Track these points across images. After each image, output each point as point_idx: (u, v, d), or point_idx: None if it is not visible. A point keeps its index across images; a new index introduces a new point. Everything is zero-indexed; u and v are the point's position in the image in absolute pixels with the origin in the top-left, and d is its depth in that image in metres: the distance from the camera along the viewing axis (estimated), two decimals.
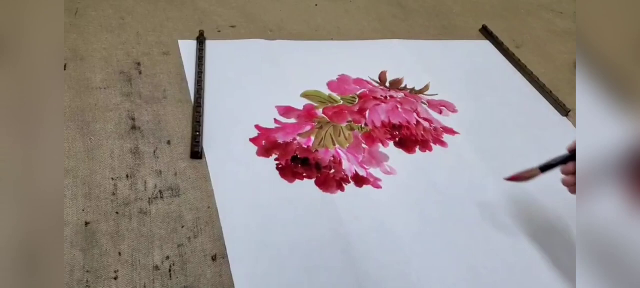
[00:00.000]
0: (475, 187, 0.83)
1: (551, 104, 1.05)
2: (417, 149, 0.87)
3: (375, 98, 0.96)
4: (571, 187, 0.68)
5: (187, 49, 0.97)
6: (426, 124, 0.93)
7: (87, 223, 0.66)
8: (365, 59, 1.06)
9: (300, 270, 0.67)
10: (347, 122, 0.90)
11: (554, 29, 1.34)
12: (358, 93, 0.97)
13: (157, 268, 0.64)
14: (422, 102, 0.97)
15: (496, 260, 0.73)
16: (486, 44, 1.19)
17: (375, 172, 0.82)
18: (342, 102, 0.94)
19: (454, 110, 0.97)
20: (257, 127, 0.84)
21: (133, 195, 0.71)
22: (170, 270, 0.64)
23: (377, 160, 0.84)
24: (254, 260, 0.67)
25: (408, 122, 0.92)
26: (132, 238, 0.66)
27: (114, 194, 0.70)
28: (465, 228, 0.76)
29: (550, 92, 1.07)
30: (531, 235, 0.77)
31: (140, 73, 0.90)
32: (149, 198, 0.71)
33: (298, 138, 0.84)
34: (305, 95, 0.93)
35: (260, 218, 0.72)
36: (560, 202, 0.83)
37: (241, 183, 0.75)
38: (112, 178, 0.72)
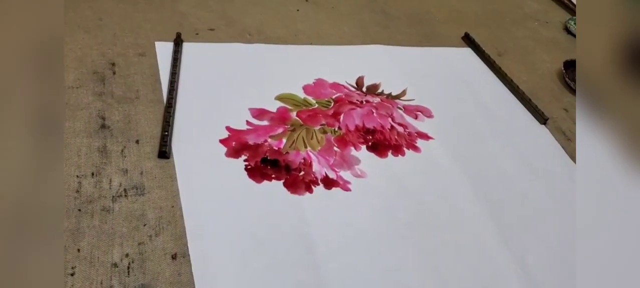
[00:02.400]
0: (446, 192, 0.82)
1: (530, 111, 1.05)
2: (389, 153, 0.87)
3: (351, 102, 0.96)
4: None
5: (163, 50, 0.96)
6: (400, 129, 0.92)
7: None
8: (344, 64, 1.06)
9: (262, 269, 0.66)
10: (321, 125, 0.89)
11: (539, 38, 1.34)
12: (333, 97, 0.97)
13: (115, 265, 0.63)
14: (398, 107, 0.97)
15: (462, 266, 0.72)
16: (467, 52, 1.19)
17: (345, 175, 0.82)
18: (316, 105, 0.94)
19: (429, 116, 0.97)
20: (227, 128, 0.84)
21: (97, 193, 0.70)
22: (128, 268, 0.63)
23: (348, 163, 0.84)
24: (216, 259, 0.66)
25: (382, 127, 0.92)
26: (93, 235, 0.66)
27: (77, 191, 0.70)
28: (433, 232, 0.76)
29: (530, 100, 1.06)
30: (500, 241, 0.76)
31: (114, 73, 0.90)
32: (113, 196, 0.70)
33: (269, 140, 0.84)
34: (279, 98, 0.93)
35: (225, 217, 0.71)
36: (532, 210, 0.83)
37: (208, 183, 0.75)
38: (77, 176, 0.72)
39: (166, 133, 0.79)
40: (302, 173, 0.80)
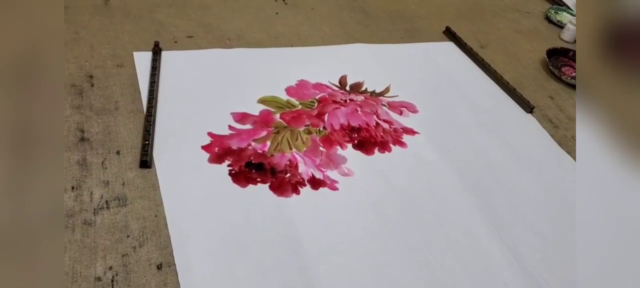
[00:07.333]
0: (434, 186, 0.81)
1: (515, 101, 1.04)
2: (376, 150, 0.86)
3: (335, 102, 0.95)
4: None
5: (142, 60, 0.95)
6: (386, 126, 0.91)
7: None
8: (326, 64, 1.04)
9: (249, 275, 0.65)
10: (305, 126, 0.88)
11: (520, 29, 1.33)
12: (317, 97, 0.95)
13: (98, 279, 0.61)
14: (382, 104, 0.96)
15: (453, 258, 0.71)
16: (449, 45, 1.19)
17: (332, 174, 0.80)
18: (300, 106, 0.92)
19: (414, 111, 0.96)
20: (209, 134, 0.82)
21: (77, 207, 0.69)
22: (112, 281, 0.62)
23: (335, 162, 0.83)
24: (203, 266, 0.65)
25: (367, 124, 0.91)
26: (74, 250, 0.64)
27: None
28: (422, 226, 0.75)
29: (514, 89, 1.06)
30: (491, 232, 0.75)
31: (92, 85, 0.88)
32: (95, 209, 0.69)
33: (253, 143, 0.83)
34: (262, 101, 0.92)
35: (210, 224, 0.70)
36: (522, 199, 0.82)
37: (191, 190, 0.74)
38: None
39: (147, 142, 0.78)
40: (288, 175, 0.79)
